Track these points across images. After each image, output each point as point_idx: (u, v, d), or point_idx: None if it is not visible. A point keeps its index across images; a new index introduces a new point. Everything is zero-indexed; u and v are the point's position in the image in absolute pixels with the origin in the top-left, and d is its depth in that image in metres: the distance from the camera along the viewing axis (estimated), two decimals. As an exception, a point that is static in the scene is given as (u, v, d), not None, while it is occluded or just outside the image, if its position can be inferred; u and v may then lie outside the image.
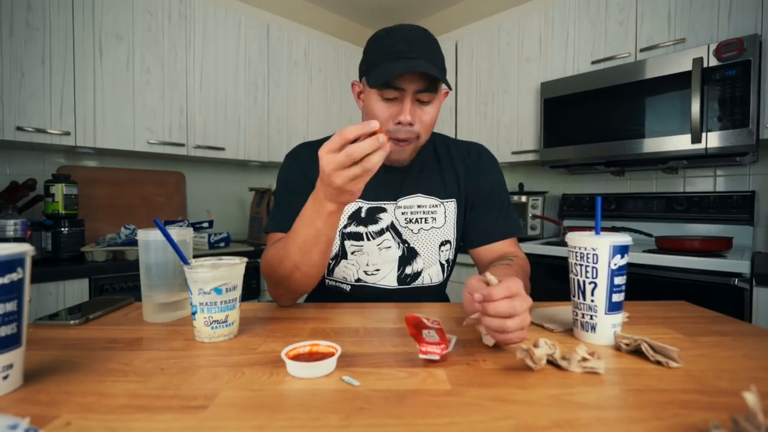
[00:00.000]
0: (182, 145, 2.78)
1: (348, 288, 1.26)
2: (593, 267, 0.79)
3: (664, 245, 2.31)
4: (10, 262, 0.57)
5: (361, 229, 1.23)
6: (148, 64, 2.62)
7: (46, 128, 2.25)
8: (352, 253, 1.23)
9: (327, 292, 1.30)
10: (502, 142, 3.23)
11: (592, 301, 0.80)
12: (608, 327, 0.80)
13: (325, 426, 0.51)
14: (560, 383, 0.63)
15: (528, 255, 2.56)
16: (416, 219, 1.24)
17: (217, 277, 0.80)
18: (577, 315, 0.83)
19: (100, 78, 2.43)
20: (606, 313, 0.79)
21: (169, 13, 2.69)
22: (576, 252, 0.82)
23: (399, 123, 1.09)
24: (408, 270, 1.25)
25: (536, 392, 0.60)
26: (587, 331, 0.81)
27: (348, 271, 1.25)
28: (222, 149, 2.97)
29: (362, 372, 0.67)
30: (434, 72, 1.02)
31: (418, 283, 1.26)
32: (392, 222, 1.23)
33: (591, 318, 0.80)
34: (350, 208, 1.24)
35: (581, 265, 0.81)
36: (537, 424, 0.51)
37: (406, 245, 1.24)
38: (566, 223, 3.17)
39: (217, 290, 0.80)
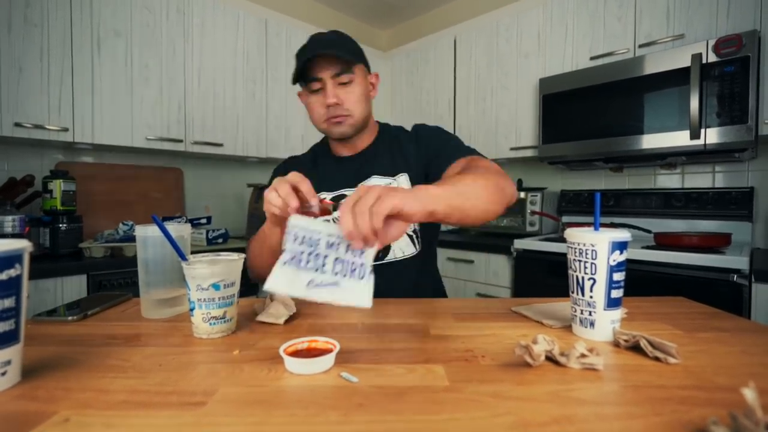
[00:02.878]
0: (180, 141, 2.77)
1: None
2: (592, 263, 0.79)
3: (663, 241, 2.31)
4: (8, 258, 0.57)
5: (327, 217, 1.27)
6: (146, 59, 2.61)
7: (44, 124, 2.24)
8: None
9: None
10: (500, 138, 3.23)
11: (591, 297, 0.80)
12: (607, 323, 0.80)
13: (324, 422, 0.51)
14: (559, 379, 0.63)
15: (527, 251, 2.61)
16: None
17: (216, 273, 0.80)
18: (575, 311, 0.83)
19: (98, 74, 2.42)
20: (605, 309, 0.79)
21: (167, 9, 2.68)
22: (575, 248, 0.82)
23: (328, 106, 1.26)
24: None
25: (535, 388, 0.60)
26: (586, 327, 0.81)
27: None
28: (220, 145, 2.97)
29: (361, 368, 0.67)
30: (339, 53, 1.22)
31: (391, 257, 1.33)
32: None
33: (590, 314, 0.80)
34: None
35: (580, 261, 0.81)
36: (536, 420, 0.51)
37: None
38: (565, 219, 3.17)
39: (216, 286, 0.80)
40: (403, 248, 1.34)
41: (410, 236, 1.36)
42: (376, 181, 1.36)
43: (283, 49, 3.33)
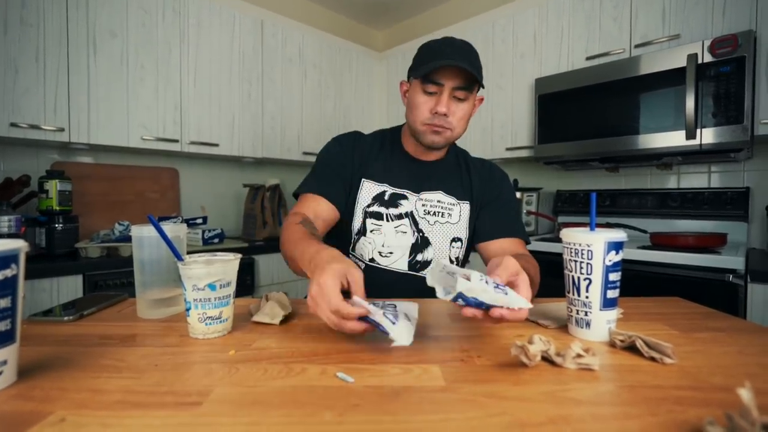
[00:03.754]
0: (176, 141, 2.77)
1: (362, 266, 1.35)
2: (588, 263, 0.79)
3: (659, 241, 2.32)
4: (4, 258, 0.57)
5: (382, 209, 1.34)
6: (142, 60, 2.61)
7: (40, 124, 2.24)
8: (371, 231, 1.34)
9: None
10: (496, 138, 3.24)
11: (587, 297, 0.80)
12: (603, 323, 0.80)
13: (320, 422, 0.51)
14: (555, 379, 0.63)
15: (523, 251, 2.60)
16: (434, 212, 1.36)
17: (212, 273, 0.80)
18: (571, 311, 0.83)
19: (94, 74, 2.42)
20: (601, 310, 0.79)
21: (163, 10, 2.68)
22: (571, 248, 0.82)
23: (436, 113, 1.24)
24: (419, 257, 1.35)
25: (531, 388, 0.60)
26: (582, 327, 0.81)
27: (365, 249, 1.35)
28: (216, 145, 2.97)
29: (356, 368, 0.67)
30: (470, 68, 1.17)
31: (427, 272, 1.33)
32: (411, 211, 1.35)
33: (586, 314, 0.81)
34: (375, 190, 1.36)
35: (576, 261, 0.81)
36: (531, 421, 0.51)
37: (421, 234, 1.35)
38: (561, 219, 3.17)
39: (211, 286, 0.80)
40: None
41: (451, 262, 1.39)
42: (440, 197, 1.39)
43: (278, 50, 3.33)
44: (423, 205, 1.36)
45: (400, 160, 1.42)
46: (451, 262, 1.38)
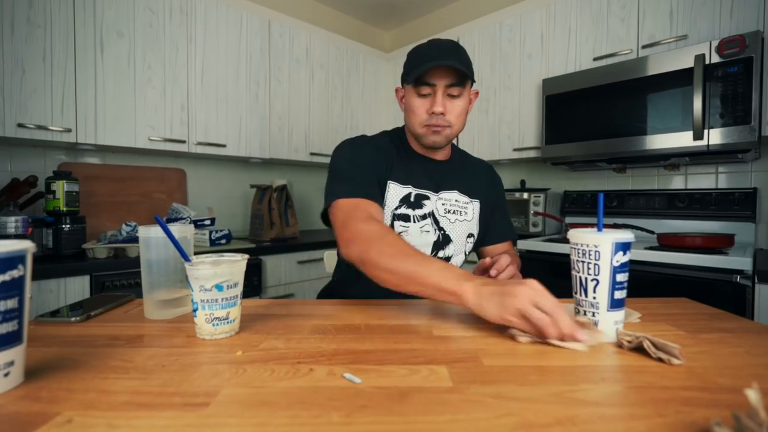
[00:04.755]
0: (183, 141, 2.78)
1: None
2: (595, 264, 0.79)
3: (666, 242, 2.31)
4: (11, 258, 0.57)
5: (409, 211, 1.37)
6: (150, 60, 2.61)
7: (48, 125, 2.25)
8: (400, 234, 1.34)
9: None
10: (503, 138, 3.23)
11: (594, 298, 0.80)
12: (610, 324, 0.80)
13: (327, 423, 0.51)
14: (562, 380, 0.63)
15: (530, 252, 2.62)
16: (454, 210, 1.43)
17: (219, 274, 0.80)
18: (579, 312, 0.83)
19: (101, 74, 2.43)
20: (608, 310, 0.79)
21: (171, 10, 2.69)
22: (578, 249, 0.82)
23: (433, 113, 1.28)
24: (440, 254, 1.41)
25: (538, 389, 0.60)
26: (589, 328, 0.81)
27: None
28: (223, 146, 2.97)
29: (364, 369, 0.67)
30: (459, 65, 1.22)
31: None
32: (432, 210, 1.40)
33: (593, 315, 0.80)
34: (401, 192, 1.37)
35: (583, 262, 0.81)
36: (539, 421, 0.51)
37: (442, 232, 1.40)
38: (568, 220, 3.17)
39: (219, 287, 0.80)
40: (457, 263, 1.46)
41: (465, 255, 1.49)
42: (456, 196, 1.45)
43: (286, 50, 3.34)
44: (443, 204, 1.41)
45: (416, 160, 1.43)
46: (465, 256, 1.48)
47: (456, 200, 1.44)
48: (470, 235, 1.47)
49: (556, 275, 2.49)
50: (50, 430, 0.49)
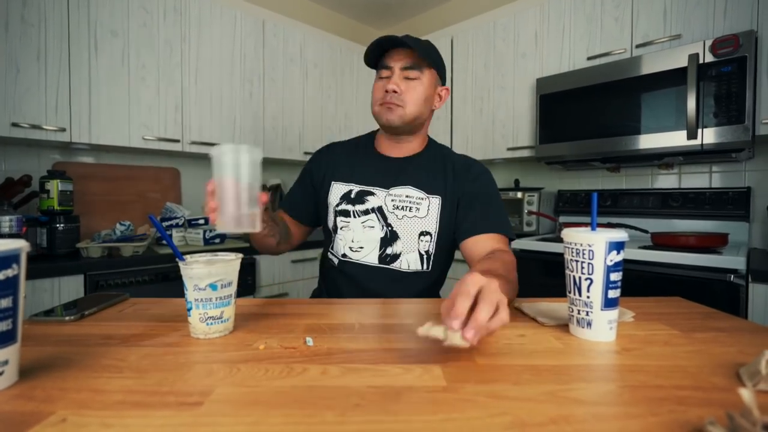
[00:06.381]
0: (177, 141, 2.77)
1: (336, 262, 1.45)
2: (589, 263, 0.79)
3: (660, 241, 2.32)
4: (6, 258, 0.57)
5: (349, 207, 1.42)
6: (144, 59, 2.61)
7: (42, 124, 2.24)
8: (341, 228, 1.43)
9: (325, 263, 1.54)
10: (497, 137, 3.23)
11: (588, 297, 0.80)
12: (604, 323, 0.80)
13: (321, 423, 0.51)
14: (556, 379, 0.63)
15: (523, 251, 2.61)
16: (402, 206, 1.40)
17: (213, 273, 0.80)
18: (573, 311, 0.83)
19: (95, 74, 2.42)
20: (602, 309, 0.79)
21: (164, 9, 2.68)
22: (572, 248, 0.82)
23: (386, 91, 1.33)
24: (389, 251, 1.40)
25: (532, 388, 0.60)
26: (583, 327, 0.81)
27: (338, 245, 1.44)
28: (217, 145, 2.95)
29: (358, 368, 0.67)
30: (413, 45, 1.29)
31: (397, 265, 1.39)
32: (380, 206, 1.41)
33: (587, 314, 0.81)
34: (342, 190, 1.45)
35: (577, 261, 0.81)
36: (533, 421, 0.51)
37: (390, 228, 1.40)
38: (562, 219, 3.17)
39: (213, 286, 0.80)
40: (410, 262, 1.40)
41: (421, 255, 1.40)
42: (408, 191, 1.41)
43: (280, 50, 3.33)
44: (392, 200, 1.41)
45: (370, 159, 1.50)
46: (421, 255, 1.40)
47: (407, 196, 1.40)
48: (425, 234, 1.39)
49: (550, 275, 2.50)
50: (44, 429, 0.49)
